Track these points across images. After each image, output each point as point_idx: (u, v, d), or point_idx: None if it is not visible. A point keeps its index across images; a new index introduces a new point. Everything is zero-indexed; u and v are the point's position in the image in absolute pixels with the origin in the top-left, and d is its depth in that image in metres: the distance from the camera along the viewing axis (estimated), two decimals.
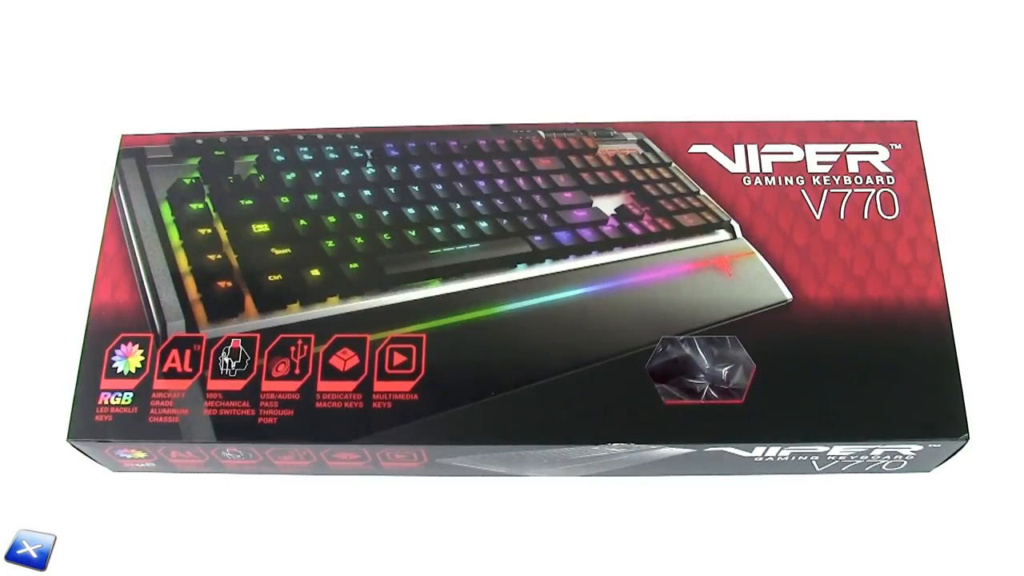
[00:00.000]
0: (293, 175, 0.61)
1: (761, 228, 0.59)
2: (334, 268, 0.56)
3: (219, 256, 0.57)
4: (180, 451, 0.55)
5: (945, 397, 0.53)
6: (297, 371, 0.54)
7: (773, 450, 0.54)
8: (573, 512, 0.58)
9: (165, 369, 0.54)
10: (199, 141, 0.62)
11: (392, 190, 0.61)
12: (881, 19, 0.75)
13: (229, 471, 0.58)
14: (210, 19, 0.77)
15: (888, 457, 0.55)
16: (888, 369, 0.54)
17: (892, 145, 0.61)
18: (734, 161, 0.61)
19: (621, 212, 0.62)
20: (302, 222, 0.58)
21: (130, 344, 0.55)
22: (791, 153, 0.61)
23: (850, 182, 0.60)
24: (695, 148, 0.62)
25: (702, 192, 0.61)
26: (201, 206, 0.59)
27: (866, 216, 0.58)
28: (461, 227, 0.59)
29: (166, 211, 0.59)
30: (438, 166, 0.62)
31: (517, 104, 0.71)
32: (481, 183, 0.62)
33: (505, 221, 0.60)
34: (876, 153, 0.61)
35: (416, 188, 0.61)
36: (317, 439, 0.53)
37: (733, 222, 0.59)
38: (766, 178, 0.60)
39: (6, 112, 0.72)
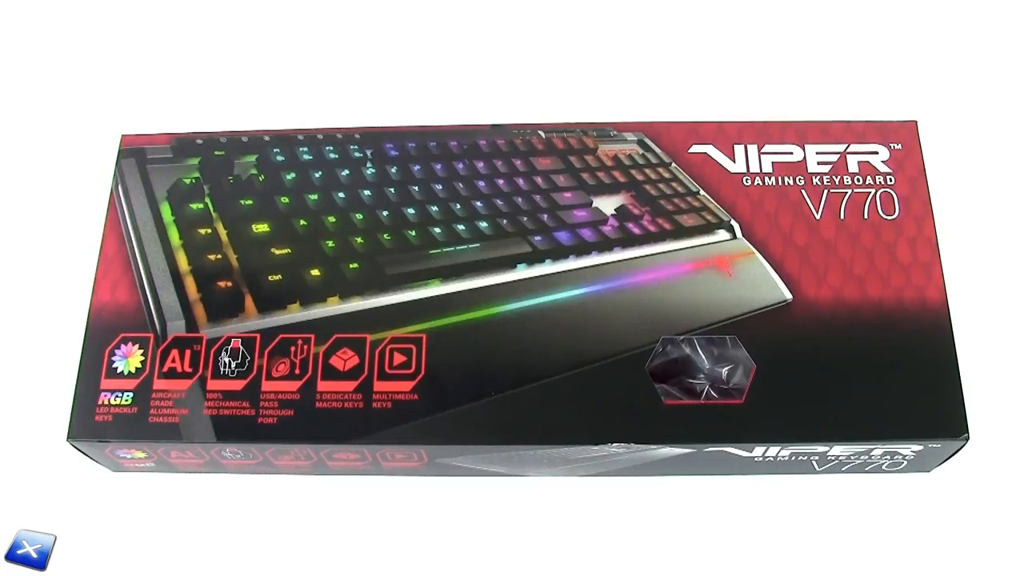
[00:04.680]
0: (293, 175, 0.61)
1: (761, 228, 0.59)
2: (334, 268, 0.56)
3: (219, 256, 0.57)
4: (180, 451, 0.55)
5: (945, 397, 0.53)
6: (297, 371, 0.54)
7: (773, 450, 0.54)
8: (573, 512, 0.58)
9: (165, 369, 0.54)
10: (199, 141, 0.62)
11: (392, 190, 0.61)
12: (881, 19, 0.75)
13: (229, 471, 0.58)
14: (209, 19, 0.77)
15: (888, 457, 0.55)
16: (888, 369, 0.54)
17: (892, 145, 0.61)
18: (734, 161, 0.61)
19: (621, 212, 0.62)
20: (302, 222, 0.58)
21: (130, 344, 0.55)
22: (791, 153, 0.61)
23: (850, 182, 0.60)
24: (695, 148, 0.62)
25: (702, 192, 0.61)
26: (201, 206, 0.59)
27: (866, 216, 0.58)
28: (461, 227, 0.59)
29: (166, 211, 0.59)
30: (438, 166, 0.62)
31: (517, 104, 0.71)
32: (481, 183, 0.62)
33: (505, 221, 0.60)
34: (876, 153, 0.61)
35: (416, 188, 0.61)
36: (317, 439, 0.53)
37: (733, 222, 0.59)
38: (766, 178, 0.60)
39: (6, 112, 0.72)
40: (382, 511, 0.58)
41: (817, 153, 0.61)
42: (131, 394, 0.54)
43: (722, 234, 0.60)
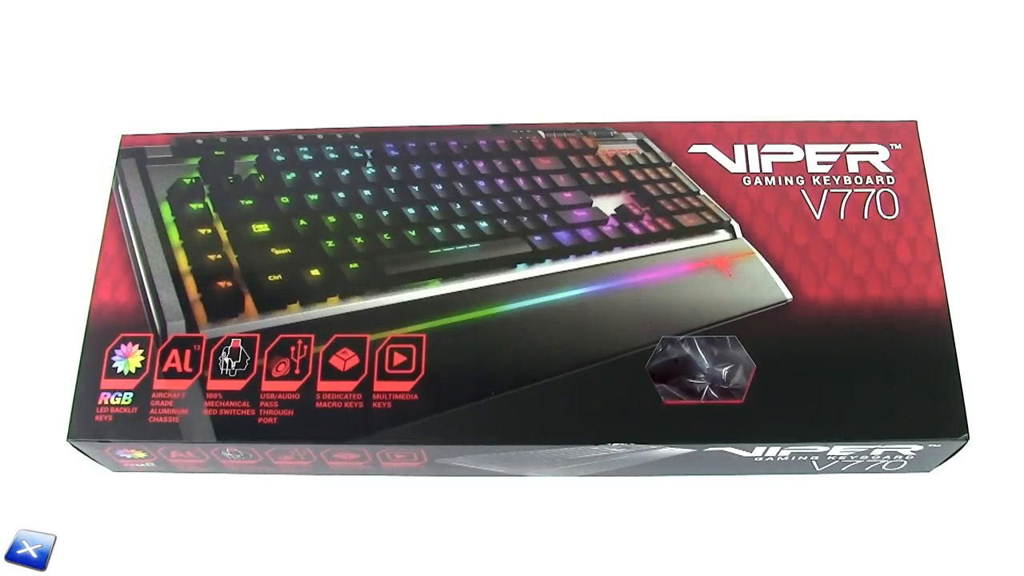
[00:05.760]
0: (293, 175, 0.61)
1: (761, 228, 0.59)
2: (334, 268, 0.56)
3: (219, 256, 0.57)
4: (180, 451, 0.55)
5: (945, 397, 0.53)
6: (297, 371, 0.54)
7: (773, 450, 0.54)
8: (573, 512, 0.58)
9: (165, 369, 0.54)
10: (199, 141, 0.62)
11: (392, 190, 0.61)
12: (881, 19, 0.75)
13: (229, 471, 0.58)
14: (209, 19, 0.77)
15: (888, 457, 0.55)
16: (888, 369, 0.54)
17: (892, 145, 0.61)
18: (734, 161, 0.61)
19: (621, 212, 0.62)
20: (302, 222, 0.58)
21: (130, 344, 0.55)
22: (791, 153, 0.61)
23: (850, 182, 0.60)
24: (695, 148, 0.62)
25: (702, 192, 0.61)
26: (201, 206, 0.59)
27: (866, 216, 0.58)
28: (461, 227, 0.59)
29: (166, 211, 0.59)
30: (438, 166, 0.62)
31: (517, 104, 0.71)
32: (481, 183, 0.62)
33: (505, 221, 0.60)
34: (876, 153, 0.61)
35: (416, 188, 0.61)
36: (317, 439, 0.53)
37: (733, 222, 0.59)
38: (766, 178, 0.60)
39: (6, 112, 0.72)
40: (382, 511, 0.58)
41: (817, 153, 0.61)
42: (131, 394, 0.54)
43: (722, 234, 0.60)
